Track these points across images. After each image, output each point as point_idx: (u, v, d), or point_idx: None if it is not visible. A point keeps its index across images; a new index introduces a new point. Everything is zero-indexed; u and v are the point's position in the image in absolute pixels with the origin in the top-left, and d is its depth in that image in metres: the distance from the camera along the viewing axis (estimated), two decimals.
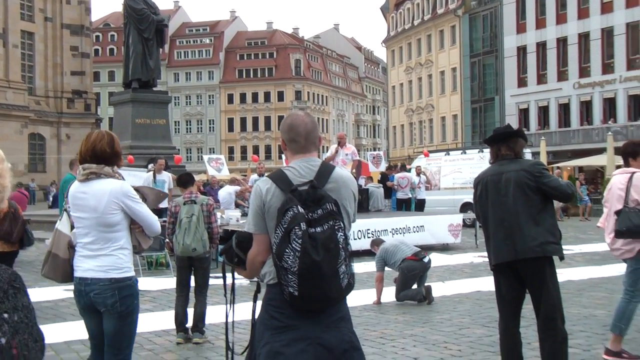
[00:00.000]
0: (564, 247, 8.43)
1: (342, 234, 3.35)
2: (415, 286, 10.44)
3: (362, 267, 14.07)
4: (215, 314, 8.72)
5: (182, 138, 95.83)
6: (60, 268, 4.73)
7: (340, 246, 3.33)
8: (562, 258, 5.63)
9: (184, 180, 8.55)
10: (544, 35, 50.10)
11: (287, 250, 3.31)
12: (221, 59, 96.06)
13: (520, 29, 52.09)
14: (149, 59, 24.42)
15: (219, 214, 14.66)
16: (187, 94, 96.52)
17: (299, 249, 3.28)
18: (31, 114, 56.68)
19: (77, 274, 4.60)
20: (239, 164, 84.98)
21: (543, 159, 35.92)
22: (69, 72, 61.69)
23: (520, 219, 5.44)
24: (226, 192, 17.80)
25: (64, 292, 11.60)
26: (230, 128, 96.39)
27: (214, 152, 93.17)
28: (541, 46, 50.59)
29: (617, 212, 6.49)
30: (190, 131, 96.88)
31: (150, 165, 15.79)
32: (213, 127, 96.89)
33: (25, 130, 56.23)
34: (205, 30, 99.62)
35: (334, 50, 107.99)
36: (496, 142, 5.76)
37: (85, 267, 4.55)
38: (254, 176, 19.34)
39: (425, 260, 10.41)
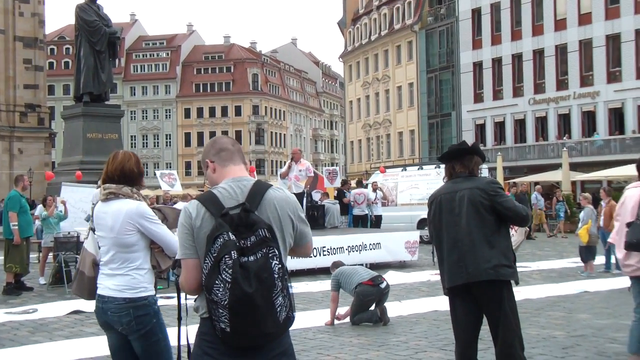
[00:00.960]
0: (521, 264, 8.21)
1: (277, 262, 3.08)
2: (372, 307, 10.18)
3: (317, 286, 13.78)
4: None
5: (139, 153, 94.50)
6: (86, 286, 4.85)
7: (276, 276, 3.06)
8: (517, 282, 5.41)
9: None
10: (500, 51, 50.57)
11: (216, 282, 3.02)
12: (178, 73, 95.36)
13: (476, 44, 52.52)
14: (101, 72, 23.89)
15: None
16: (144, 108, 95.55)
17: (229, 280, 2.99)
18: None
19: (98, 291, 4.63)
20: (196, 179, 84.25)
21: (499, 174, 36.07)
22: (22, 85, 60.50)
23: (474, 240, 5.19)
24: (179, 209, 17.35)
25: (5, 315, 11.16)
26: (187, 143, 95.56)
27: (171, 167, 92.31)
28: (497, 62, 51.04)
29: (629, 224, 6.31)
30: (146, 146, 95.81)
31: (99, 182, 15.32)
32: (170, 142, 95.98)
33: None
34: (162, 43, 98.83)
35: (291, 65, 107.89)
36: (450, 159, 5.53)
37: (104, 285, 4.59)
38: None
39: (382, 285, 10.11)
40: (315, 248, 15.82)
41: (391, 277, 14.72)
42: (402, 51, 62.01)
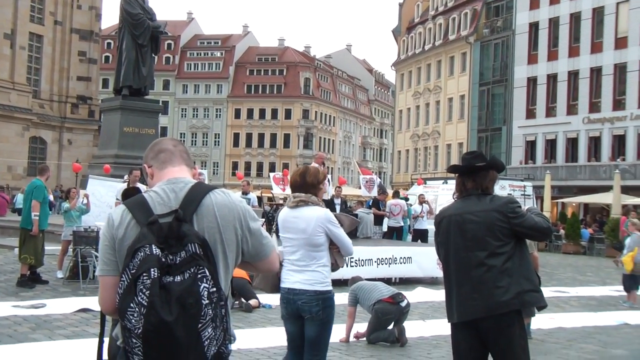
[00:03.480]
0: (559, 288, 7.50)
1: (207, 285, 2.52)
2: (390, 326, 9.55)
3: (341, 299, 13.07)
4: None
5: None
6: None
7: (205, 302, 2.50)
8: (542, 307, 4.75)
9: (131, 195, 7.66)
10: (556, 67, 49.28)
11: (131, 305, 2.48)
12: (231, 73, 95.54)
13: (532, 59, 51.30)
14: (141, 66, 23.55)
15: None
16: (195, 106, 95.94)
17: (145, 303, 2.44)
18: (34, 117, 56.15)
19: (285, 285, 5.33)
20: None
21: (547, 193, 35.03)
22: (75, 77, 61.22)
23: (491, 268, 4.55)
24: None
25: (12, 308, 10.81)
26: (236, 143, 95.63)
27: (217, 166, 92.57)
28: (552, 78, 49.77)
29: None
30: (195, 144, 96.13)
31: (126, 177, 14.94)
32: (218, 141, 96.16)
33: (26, 133, 55.69)
34: (217, 43, 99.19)
35: (344, 71, 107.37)
36: (461, 174, 4.87)
37: (293, 279, 5.27)
38: (238, 195, 18.46)
39: (403, 304, 9.47)
40: None
41: (420, 294, 14.08)
42: (456, 62, 61.02)
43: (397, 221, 20.45)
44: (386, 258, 15.93)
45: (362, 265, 15.42)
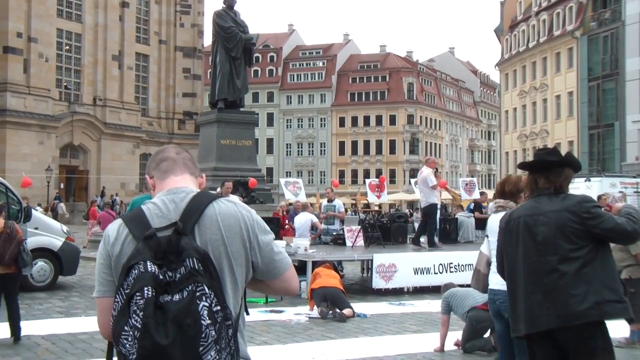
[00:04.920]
0: None
1: (206, 303, 2.28)
2: (487, 334, 9.04)
3: (439, 306, 12.72)
4: None
5: (294, 161, 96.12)
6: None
7: (206, 322, 2.26)
8: (630, 320, 4.22)
9: None
10: None
11: (125, 328, 2.24)
12: (333, 82, 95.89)
13: None
14: (236, 79, 23.69)
15: (282, 243, 13.63)
16: (299, 117, 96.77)
17: (138, 326, 2.20)
18: (143, 135, 57.96)
19: (489, 286, 5.80)
20: (349, 187, 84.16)
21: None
22: (181, 93, 62.91)
23: (564, 275, 4.05)
24: (303, 219, 16.71)
25: (257, 313, 11.25)
26: (342, 151, 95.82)
27: (324, 174, 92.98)
28: None
29: None
30: (301, 154, 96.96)
31: (218, 189, 14.91)
32: (324, 150, 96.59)
33: (137, 150, 57.53)
34: (319, 53, 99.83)
35: (448, 74, 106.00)
36: (533, 171, 4.39)
37: (494, 280, 5.59)
38: (324, 202, 18.20)
39: None
40: (441, 264, 14.78)
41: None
42: (562, 58, 59.03)
43: None
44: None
45: (463, 271, 14.92)
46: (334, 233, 17.29)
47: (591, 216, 4.10)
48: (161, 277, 2.28)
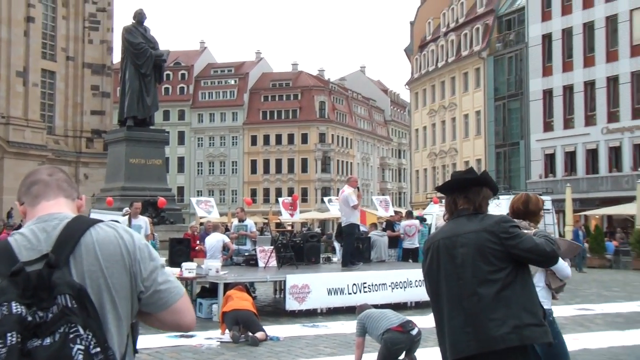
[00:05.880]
0: (583, 306, 6.94)
1: (81, 346, 2.00)
2: (402, 356, 8.94)
3: (353, 327, 12.60)
4: None
5: (205, 179, 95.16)
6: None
7: None
8: (549, 344, 4.15)
9: None
10: (571, 78, 48.56)
11: None
12: (245, 100, 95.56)
13: (547, 72, 50.61)
14: (145, 96, 23.18)
15: (193, 265, 13.32)
16: (211, 135, 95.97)
17: None
18: (49, 153, 56.18)
19: None
20: (261, 206, 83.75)
21: (569, 206, 34.23)
22: (89, 111, 61.34)
23: (483, 298, 3.94)
24: (214, 240, 16.37)
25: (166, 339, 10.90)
26: (254, 170, 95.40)
27: (236, 193, 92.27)
28: (568, 89, 49.02)
29: None
30: (213, 172, 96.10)
31: (125, 209, 14.47)
32: (236, 169, 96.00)
33: None
34: (230, 71, 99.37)
35: (359, 93, 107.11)
36: (452, 191, 4.28)
37: None
38: (235, 222, 17.93)
39: (413, 332, 8.86)
40: (355, 284, 14.69)
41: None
42: (470, 78, 60.49)
43: (413, 242, 19.80)
44: (401, 282, 15.32)
45: (377, 290, 14.93)
46: (246, 254, 17.02)
47: (509, 236, 3.99)
48: (30, 318, 2.00)
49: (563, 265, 5.56)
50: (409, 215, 21.46)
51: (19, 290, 2.03)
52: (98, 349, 2.04)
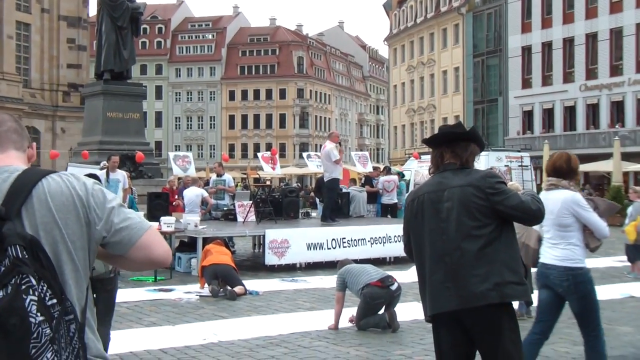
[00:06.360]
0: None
1: (34, 297, 1.95)
2: (381, 311, 8.99)
3: (332, 282, 12.64)
4: (127, 339, 7.67)
5: (183, 134, 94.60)
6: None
7: (34, 320, 1.93)
8: (529, 303, 4.17)
9: None
10: (550, 35, 48.50)
11: None
12: (223, 55, 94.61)
13: (526, 28, 50.50)
14: (122, 49, 22.82)
15: (171, 219, 13.27)
16: (189, 90, 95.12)
17: None
18: (25, 107, 55.59)
19: (541, 260, 5.89)
20: (239, 161, 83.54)
21: (546, 163, 34.44)
22: (66, 64, 60.56)
23: (465, 253, 3.92)
24: (193, 194, 16.31)
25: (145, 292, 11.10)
26: (232, 125, 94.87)
27: (214, 148, 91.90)
28: (547, 46, 49.01)
29: None
30: (190, 127, 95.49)
31: (103, 163, 14.32)
32: (214, 124, 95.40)
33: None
34: (208, 25, 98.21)
35: (337, 49, 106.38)
36: (439, 145, 4.23)
37: (547, 255, 5.80)
38: (213, 177, 17.85)
39: (393, 287, 8.89)
40: (334, 239, 14.73)
41: (416, 274, 13.51)
42: (449, 34, 60.23)
43: (391, 198, 19.83)
44: (380, 237, 15.39)
45: (356, 245, 14.98)
46: (225, 208, 16.99)
47: (495, 192, 3.95)
48: None
49: (602, 225, 5.69)
50: (388, 170, 21.46)
51: None
52: (54, 301, 1.98)
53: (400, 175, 22.35)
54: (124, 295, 9.84)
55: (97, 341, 2.26)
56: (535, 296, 5.50)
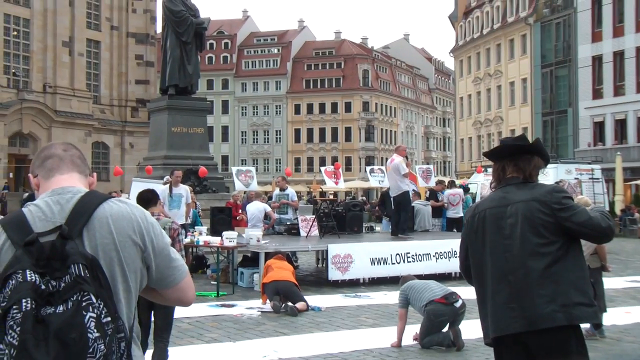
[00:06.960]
0: (634, 278, 6.68)
1: (93, 314, 2.07)
2: (445, 328, 8.75)
3: (396, 298, 12.42)
4: (187, 356, 7.64)
5: (249, 148, 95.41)
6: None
7: (93, 336, 2.04)
8: (597, 326, 3.89)
9: (146, 198, 7.05)
10: (622, 44, 47.24)
11: (0, 346, 2.03)
12: (289, 69, 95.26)
13: (596, 37, 49.32)
14: (187, 64, 23.09)
15: (233, 234, 13.22)
16: (255, 104, 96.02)
17: (15, 343, 1.99)
18: (95, 123, 56.93)
19: None
20: (305, 175, 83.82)
21: (619, 175, 33.51)
22: (134, 80, 61.88)
23: (530, 272, 3.69)
24: (255, 208, 16.27)
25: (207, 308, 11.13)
26: (297, 139, 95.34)
27: (280, 162, 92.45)
28: (618, 55, 47.74)
29: None
30: (257, 141, 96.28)
31: (166, 178, 14.37)
32: (280, 138, 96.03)
33: (89, 138, 56.50)
34: (273, 40, 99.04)
35: (403, 61, 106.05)
36: (501, 158, 4.00)
37: None
38: (276, 191, 17.77)
39: (457, 304, 8.65)
40: (398, 254, 14.48)
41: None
42: (516, 45, 59.30)
43: (457, 212, 19.48)
44: (445, 252, 15.09)
45: (421, 260, 14.74)
46: (288, 223, 16.91)
47: (562, 207, 3.73)
48: (43, 286, 2.05)
49: None
50: (452, 184, 21.11)
51: (32, 259, 2.08)
52: (109, 319, 2.09)
53: (464, 189, 21.98)
54: (186, 310, 9.79)
55: (142, 357, 2.39)
56: (606, 317, 5.17)
